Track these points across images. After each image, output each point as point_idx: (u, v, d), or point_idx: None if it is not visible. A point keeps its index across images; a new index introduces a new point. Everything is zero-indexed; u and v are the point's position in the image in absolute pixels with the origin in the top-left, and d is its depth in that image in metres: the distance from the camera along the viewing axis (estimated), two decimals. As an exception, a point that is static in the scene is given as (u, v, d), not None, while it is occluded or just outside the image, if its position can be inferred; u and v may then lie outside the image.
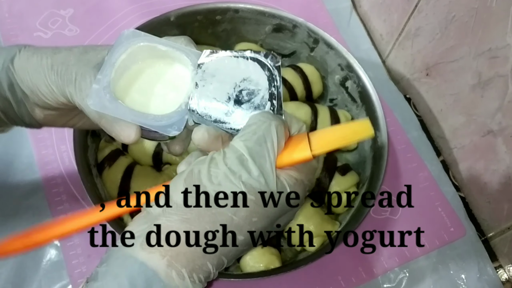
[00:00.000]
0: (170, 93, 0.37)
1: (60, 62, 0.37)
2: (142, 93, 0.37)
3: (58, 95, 0.38)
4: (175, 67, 0.38)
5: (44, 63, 0.38)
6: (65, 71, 0.37)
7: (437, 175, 0.66)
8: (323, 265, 0.58)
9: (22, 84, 0.39)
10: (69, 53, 0.38)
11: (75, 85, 0.36)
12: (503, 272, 0.63)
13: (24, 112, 0.41)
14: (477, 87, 0.59)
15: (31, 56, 0.39)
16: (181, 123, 0.35)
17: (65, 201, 0.58)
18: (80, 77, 0.36)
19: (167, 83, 0.38)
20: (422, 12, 0.65)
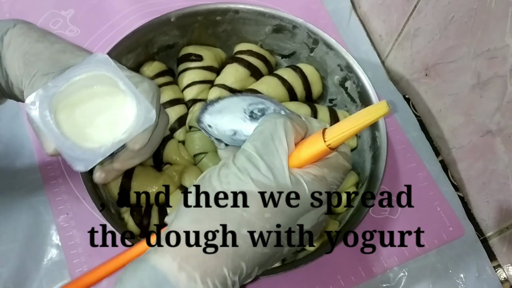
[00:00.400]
0: (104, 130, 0.38)
1: (33, 53, 0.38)
2: (84, 117, 0.37)
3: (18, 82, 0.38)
4: (126, 107, 0.38)
5: (21, 49, 0.38)
6: (32, 64, 0.37)
7: (436, 175, 0.67)
8: (322, 264, 0.58)
9: (2, 58, 0.39)
10: (48, 47, 0.38)
11: (30, 80, 0.37)
12: (501, 271, 0.63)
13: (7, 84, 0.41)
14: (476, 88, 0.60)
15: (19, 36, 0.39)
16: (91, 163, 0.36)
17: (66, 200, 0.58)
18: (40, 75, 0.37)
19: (109, 118, 0.38)
20: (421, 13, 0.66)
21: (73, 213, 0.58)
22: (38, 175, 0.60)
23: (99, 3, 0.74)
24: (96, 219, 0.57)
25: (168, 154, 0.58)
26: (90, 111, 0.38)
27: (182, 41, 0.66)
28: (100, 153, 0.36)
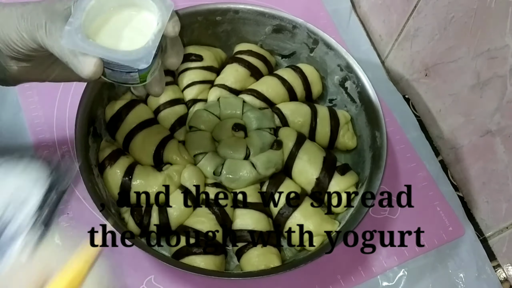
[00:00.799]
0: (137, 36, 0.39)
1: (29, 11, 0.40)
2: (111, 36, 0.39)
3: (28, 40, 0.40)
4: (142, 13, 0.41)
5: (14, 13, 0.40)
6: (34, 17, 0.39)
7: (436, 175, 0.67)
8: (322, 264, 0.58)
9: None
10: (37, 4, 0.40)
11: (45, 29, 0.38)
12: (501, 271, 0.63)
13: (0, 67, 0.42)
14: (476, 88, 0.60)
15: (1, 9, 0.41)
16: (149, 56, 0.37)
17: (66, 200, 0.58)
18: (50, 22, 0.38)
19: (133, 27, 0.40)
20: (421, 13, 0.66)
21: (74, 213, 0.58)
22: (39, 175, 0.60)
23: (99, 3, 0.74)
24: (97, 219, 0.57)
25: (168, 154, 0.58)
26: (114, 29, 0.40)
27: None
28: (149, 46, 0.38)
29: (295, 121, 0.62)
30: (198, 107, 0.62)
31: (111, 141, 0.60)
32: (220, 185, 0.58)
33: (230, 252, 0.57)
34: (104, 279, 0.36)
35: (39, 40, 0.39)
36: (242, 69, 0.65)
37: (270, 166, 0.58)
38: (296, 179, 0.59)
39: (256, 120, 0.60)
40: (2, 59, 0.42)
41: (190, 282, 0.56)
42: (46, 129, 0.63)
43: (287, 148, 0.59)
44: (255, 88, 0.63)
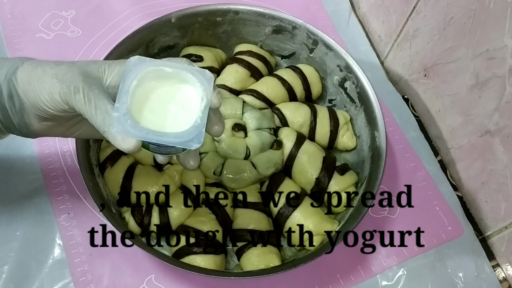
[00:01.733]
0: (180, 111, 0.39)
1: (63, 72, 0.39)
2: (155, 113, 0.39)
3: (61, 103, 0.39)
4: (182, 87, 0.40)
5: (48, 73, 0.39)
6: (70, 80, 0.38)
7: (435, 174, 0.67)
8: (322, 264, 0.58)
9: (23, 94, 0.40)
10: (71, 65, 0.40)
11: (83, 94, 0.38)
12: (500, 270, 0.63)
13: (21, 123, 0.42)
14: (475, 88, 0.60)
15: (34, 68, 0.40)
16: (200, 136, 0.37)
17: (67, 200, 0.59)
18: (88, 87, 0.38)
19: (176, 102, 0.40)
20: (420, 14, 0.66)
21: (74, 213, 0.58)
22: (40, 175, 0.60)
23: (100, 4, 0.75)
24: (97, 219, 0.57)
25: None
26: (157, 105, 0.40)
27: (182, 41, 0.66)
28: (199, 124, 0.38)
29: (295, 121, 0.62)
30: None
31: (112, 141, 0.60)
32: (220, 185, 0.58)
33: (230, 252, 0.57)
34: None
35: (74, 104, 0.38)
36: (242, 70, 0.65)
37: (270, 166, 0.58)
38: (296, 179, 0.59)
39: (256, 120, 0.60)
40: (26, 116, 0.41)
41: (190, 282, 0.56)
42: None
43: (287, 148, 0.59)
44: (255, 88, 0.64)
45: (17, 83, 0.40)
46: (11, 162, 0.60)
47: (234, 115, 0.61)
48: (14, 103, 0.40)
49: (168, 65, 0.39)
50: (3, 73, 0.40)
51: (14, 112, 0.41)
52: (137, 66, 0.39)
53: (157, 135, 0.37)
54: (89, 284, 0.54)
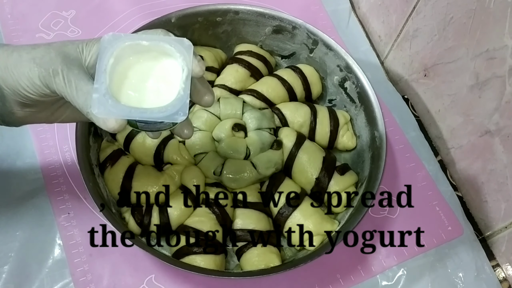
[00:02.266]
0: (162, 85, 0.38)
1: (41, 55, 0.38)
2: (135, 90, 0.38)
3: (41, 87, 0.38)
4: (161, 59, 0.39)
5: (24, 58, 0.38)
6: (48, 62, 0.37)
7: (435, 174, 0.67)
8: (322, 264, 0.58)
9: (2, 82, 0.39)
10: (48, 47, 0.39)
11: (62, 76, 0.37)
12: (500, 271, 0.63)
13: (4, 111, 0.41)
14: (475, 88, 0.60)
15: (10, 54, 0.39)
16: (185, 108, 0.36)
17: (67, 200, 0.59)
18: (66, 69, 0.37)
19: (157, 76, 0.39)
20: (420, 14, 0.66)
21: (74, 213, 0.58)
22: (40, 175, 0.60)
23: (100, 4, 0.75)
24: (98, 219, 0.57)
25: (169, 154, 0.58)
26: (137, 81, 0.39)
27: (182, 41, 0.66)
28: (182, 96, 0.37)
29: (295, 121, 0.62)
30: (199, 107, 0.63)
31: (112, 141, 0.60)
32: (220, 185, 0.58)
33: (230, 252, 0.57)
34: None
35: (54, 87, 0.38)
36: (242, 70, 0.65)
37: (270, 166, 0.58)
38: (296, 179, 0.59)
39: (256, 120, 0.60)
40: (7, 104, 0.40)
41: (190, 281, 0.56)
42: (47, 128, 0.63)
43: (287, 148, 0.59)
44: (255, 88, 0.64)
45: None
46: (11, 162, 0.61)
47: (234, 115, 0.61)
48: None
49: (144, 38, 0.38)
50: None
51: None
52: (112, 43, 0.37)
53: (140, 112, 0.36)
54: (89, 284, 0.54)
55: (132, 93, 0.38)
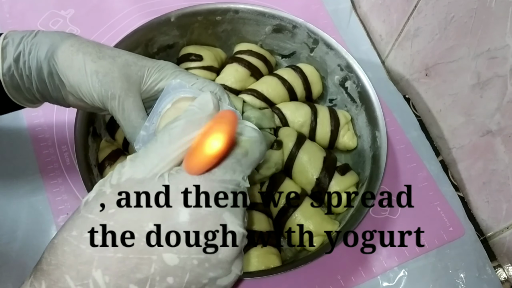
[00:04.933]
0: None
1: (104, 72, 0.40)
2: None
3: (97, 101, 0.40)
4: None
5: (88, 67, 0.40)
6: (109, 84, 0.40)
7: (436, 175, 0.67)
8: (322, 264, 0.58)
9: (63, 76, 0.41)
10: (113, 63, 0.41)
11: (118, 102, 0.40)
12: (502, 271, 0.63)
13: (59, 96, 0.43)
14: (476, 88, 0.60)
15: (75, 53, 0.40)
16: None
17: (66, 200, 0.58)
18: (124, 95, 0.40)
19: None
20: (421, 13, 0.66)
21: (73, 213, 0.58)
22: (38, 174, 0.60)
23: (99, 3, 0.74)
24: (96, 219, 0.57)
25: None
26: None
27: (182, 41, 0.66)
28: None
29: (295, 121, 0.62)
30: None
31: (111, 141, 0.60)
32: (220, 185, 0.57)
33: (230, 252, 0.57)
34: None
35: (108, 107, 0.40)
36: (242, 69, 0.65)
37: (270, 166, 0.57)
38: (296, 179, 0.59)
39: (256, 120, 0.60)
40: (63, 92, 0.42)
41: (190, 282, 0.56)
42: (46, 129, 0.63)
43: (287, 148, 0.59)
44: (255, 88, 0.63)
45: (57, 64, 0.40)
46: (9, 162, 0.60)
47: (234, 115, 0.61)
48: (54, 80, 0.41)
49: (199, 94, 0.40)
50: (43, 51, 0.40)
51: (53, 87, 0.42)
52: (175, 90, 0.40)
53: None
54: (88, 285, 0.54)
55: None
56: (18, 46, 0.41)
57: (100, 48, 0.42)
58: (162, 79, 0.42)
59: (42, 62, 0.41)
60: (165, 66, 0.43)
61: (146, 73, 0.42)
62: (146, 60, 0.43)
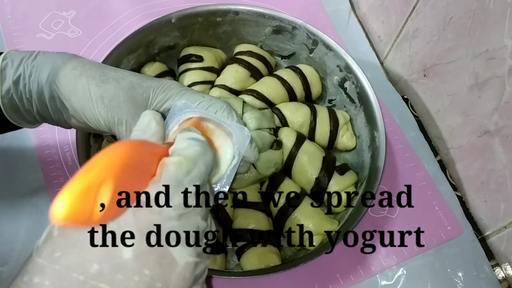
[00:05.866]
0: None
1: (109, 97, 0.39)
2: None
3: (103, 126, 0.40)
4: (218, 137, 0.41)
5: (93, 92, 0.39)
6: (116, 109, 0.39)
7: (434, 174, 0.67)
8: (322, 263, 0.58)
9: (66, 101, 0.40)
10: (118, 86, 0.40)
11: (125, 126, 0.39)
12: (499, 270, 0.63)
13: (61, 118, 0.42)
14: (474, 88, 0.60)
15: (78, 77, 0.40)
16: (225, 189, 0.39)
17: (67, 200, 0.59)
18: (131, 119, 0.39)
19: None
20: (420, 14, 0.66)
21: (75, 213, 0.58)
22: (40, 174, 0.60)
23: (100, 4, 0.75)
24: (98, 219, 0.57)
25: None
26: None
27: (182, 42, 0.66)
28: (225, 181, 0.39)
29: (295, 121, 0.62)
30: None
31: (112, 141, 0.60)
32: (220, 184, 0.58)
33: (230, 251, 0.57)
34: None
35: (115, 132, 0.40)
36: (242, 70, 0.65)
37: (270, 166, 0.58)
38: (296, 179, 0.59)
39: (256, 120, 0.60)
40: (65, 115, 0.41)
41: (191, 281, 0.56)
42: (48, 129, 0.63)
43: (287, 148, 0.59)
44: (255, 88, 0.64)
45: (60, 89, 0.40)
46: (12, 163, 0.61)
47: (234, 115, 0.61)
48: (55, 103, 0.41)
49: (211, 116, 0.41)
50: (44, 74, 0.40)
51: (54, 110, 0.41)
52: (181, 111, 0.40)
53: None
54: (90, 283, 0.54)
55: None
56: (18, 68, 0.40)
57: (103, 70, 0.41)
58: (168, 99, 0.42)
59: (43, 85, 0.40)
60: (170, 85, 0.42)
61: (152, 94, 0.41)
62: (150, 80, 0.42)
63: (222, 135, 0.42)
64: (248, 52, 0.67)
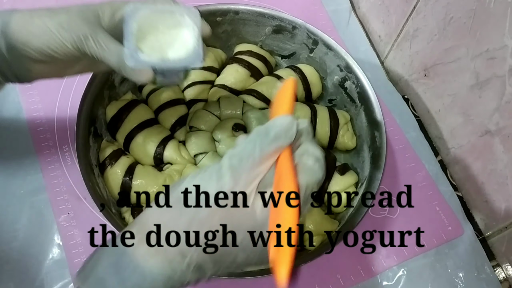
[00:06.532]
0: (177, 45, 0.45)
1: (66, 22, 0.42)
2: (156, 49, 0.44)
3: (72, 50, 0.42)
4: (175, 27, 0.45)
5: (50, 25, 0.41)
6: (76, 29, 0.41)
7: (435, 174, 0.67)
8: (322, 264, 0.58)
9: (24, 45, 0.41)
10: (69, 13, 0.42)
11: (93, 41, 0.42)
12: (500, 271, 0.63)
13: (20, 69, 0.44)
14: (475, 88, 0.60)
15: (30, 20, 0.42)
16: (201, 56, 0.44)
17: (67, 200, 0.58)
18: (94, 34, 0.42)
19: (172, 39, 0.45)
20: (420, 14, 0.66)
21: (74, 213, 0.58)
22: (39, 174, 0.60)
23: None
24: (97, 219, 0.57)
25: (169, 154, 0.58)
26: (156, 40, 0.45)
27: (182, 41, 0.66)
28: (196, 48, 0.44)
29: (295, 121, 0.62)
30: (199, 107, 0.63)
31: (112, 141, 0.60)
32: (220, 185, 0.58)
33: (230, 252, 0.57)
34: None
35: (86, 50, 0.42)
36: (242, 70, 0.65)
37: (270, 166, 0.58)
38: (296, 179, 0.59)
39: (256, 120, 0.60)
40: (25, 63, 0.43)
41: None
42: (47, 129, 0.63)
43: (287, 148, 0.59)
44: (255, 88, 0.64)
45: (14, 36, 0.41)
46: (10, 162, 0.60)
47: (234, 115, 0.61)
48: (13, 54, 0.42)
49: (160, 7, 0.44)
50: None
51: (13, 62, 0.43)
52: (134, 12, 0.43)
53: (168, 62, 0.43)
54: (89, 284, 0.54)
55: (153, 51, 0.44)
56: None
57: (48, 8, 0.43)
58: (116, 10, 0.44)
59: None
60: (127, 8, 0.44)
61: (100, 12, 0.43)
62: (94, 3, 0.44)
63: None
64: (248, 52, 0.67)
